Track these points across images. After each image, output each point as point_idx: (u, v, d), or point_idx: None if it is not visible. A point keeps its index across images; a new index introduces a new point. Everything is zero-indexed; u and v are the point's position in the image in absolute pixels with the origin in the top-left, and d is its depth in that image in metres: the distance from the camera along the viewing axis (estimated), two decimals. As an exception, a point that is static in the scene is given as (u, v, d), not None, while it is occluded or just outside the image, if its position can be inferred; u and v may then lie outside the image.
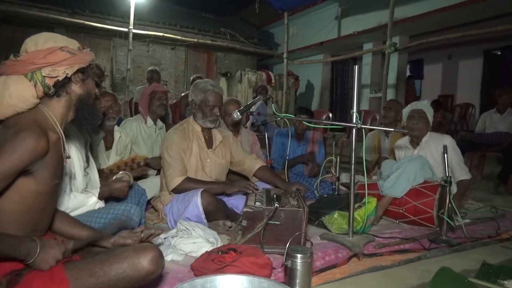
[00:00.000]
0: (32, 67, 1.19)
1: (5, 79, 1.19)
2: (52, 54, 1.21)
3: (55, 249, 1.17)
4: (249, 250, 1.70)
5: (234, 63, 11.67)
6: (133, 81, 9.30)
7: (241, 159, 2.70)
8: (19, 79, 1.18)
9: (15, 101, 1.17)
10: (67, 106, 1.30)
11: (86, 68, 1.31)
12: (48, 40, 1.23)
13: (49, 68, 1.20)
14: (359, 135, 2.29)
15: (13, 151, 1.09)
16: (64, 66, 1.23)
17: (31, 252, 1.12)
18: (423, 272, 1.90)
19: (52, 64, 1.20)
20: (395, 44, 6.09)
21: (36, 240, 1.14)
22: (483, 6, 6.53)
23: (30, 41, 1.24)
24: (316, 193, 3.31)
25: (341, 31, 9.76)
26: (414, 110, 3.02)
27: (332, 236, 2.26)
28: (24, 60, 1.19)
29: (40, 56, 1.19)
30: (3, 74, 1.20)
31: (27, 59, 1.19)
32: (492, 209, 3.16)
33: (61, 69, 1.22)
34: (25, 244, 1.11)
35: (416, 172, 2.65)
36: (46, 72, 1.20)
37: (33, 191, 1.19)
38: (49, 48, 1.21)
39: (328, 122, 3.65)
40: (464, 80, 9.52)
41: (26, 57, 1.20)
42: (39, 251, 1.12)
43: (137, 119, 3.18)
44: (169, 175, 2.40)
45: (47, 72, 1.20)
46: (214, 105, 2.49)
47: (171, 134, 2.52)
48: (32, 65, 1.19)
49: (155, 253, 1.23)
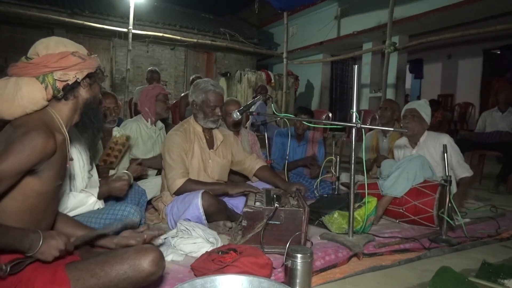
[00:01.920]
0: (44, 70, 1.21)
1: (17, 80, 1.21)
2: (64, 58, 1.23)
3: (57, 240, 1.17)
4: (249, 250, 1.70)
5: (233, 63, 11.68)
6: (133, 82, 9.30)
7: (242, 159, 2.70)
8: (31, 81, 1.20)
9: (25, 102, 1.19)
10: (74, 109, 1.33)
11: (93, 73, 1.34)
12: (58, 44, 1.26)
13: (61, 72, 1.23)
14: (359, 135, 2.29)
15: (23, 150, 1.11)
16: (75, 70, 1.25)
17: (34, 244, 1.12)
18: (423, 271, 1.90)
19: (64, 68, 1.23)
20: (394, 44, 6.09)
21: (39, 231, 1.15)
22: (483, 6, 6.53)
23: (41, 44, 1.26)
24: (316, 193, 3.31)
25: (341, 31, 9.76)
26: (407, 110, 3.05)
27: (332, 235, 2.26)
28: (37, 63, 1.21)
29: (53, 60, 1.22)
30: (13, 75, 1.22)
31: (40, 62, 1.21)
32: (492, 208, 3.17)
33: (72, 73, 1.25)
34: (28, 236, 1.12)
35: (416, 172, 2.65)
36: (58, 76, 1.23)
37: (36, 190, 1.20)
38: (62, 53, 1.24)
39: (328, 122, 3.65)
40: (463, 80, 9.53)
41: (39, 60, 1.22)
42: (41, 242, 1.13)
43: (137, 120, 3.16)
44: (170, 177, 2.39)
45: (59, 76, 1.23)
46: (215, 105, 2.48)
47: (172, 136, 2.50)
48: (45, 68, 1.21)
49: (155, 255, 1.23)
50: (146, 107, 3.12)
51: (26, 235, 1.12)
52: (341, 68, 11.50)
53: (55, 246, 1.16)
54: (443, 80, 10.08)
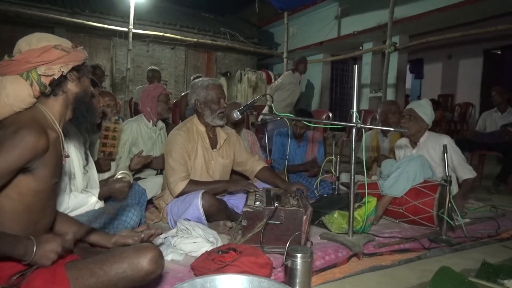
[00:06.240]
0: (27, 66, 1.19)
1: (1, 80, 1.19)
2: (46, 52, 1.21)
3: (52, 243, 1.16)
4: (249, 249, 1.70)
5: (234, 63, 11.67)
6: (133, 81, 9.30)
7: (244, 160, 2.70)
8: (15, 79, 1.19)
9: (12, 100, 1.18)
10: (65, 105, 1.30)
11: (80, 66, 1.31)
12: (41, 40, 1.24)
13: (45, 67, 1.20)
14: (359, 135, 2.28)
15: (14, 148, 1.10)
16: (59, 64, 1.23)
17: (28, 251, 1.12)
18: (423, 271, 1.90)
19: (47, 63, 1.21)
20: (395, 44, 6.10)
21: (32, 238, 1.14)
22: (483, 6, 6.52)
23: (23, 41, 1.24)
24: (316, 193, 3.31)
25: (341, 31, 9.75)
26: (405, 110, 3.08)
27: (332, 235, 2.26)
28: (19, 60, 1.19)
29: (35, 55, 1.19)
30: None
31: (22, 58, 1.19)
32: (492, 208, 3.17)
33: (56, 67, 1.22)
34: (22, 243, 1.11)
35: (416, 172, 2.65)
36: (42, 71, 1.20)
37: (32, 189, 1.19)
38: (43, 47, 1.21)
39: (328, 122, 3.65)
40: (464, 80, 9.52)
41: (20, 57, 1.20)
42: (36, 249, 1.12)
43: (137, 120, 3.15)
44: (172, 181, 2.38)
45: (43, 71, 1.20)
46: (219, 97, 2.49)
47: (175, 136, 2.49)
48: (27, 64, 1.19)
49: (155, 253, 1.23)
50: (147, 107, 3.11)
51: (20, 242, 1.11)
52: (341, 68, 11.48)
53: (51, 250, 1.15)
54: (444, 80, 10.07)
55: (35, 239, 1.14)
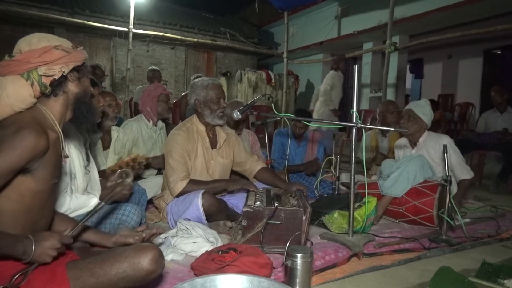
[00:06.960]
0: (28, 66, 1.19)
1: (2, 80, 1.19)
2: (47, 52, 1.21)
3: (51, 240, 1.16)
4: (249, 249, 1.70)
5: (234, 63, 11.67)
6: (133, 81, 9.29)
7: (243, 160, 2.70)
8: (15, 79, 1.18)
9: (12, 100, 1.17)
10: (65, 105, 1.30)
11: (81, 67, 1.31)
12: (41, 40, 1.24)
13: (45, 67, 1.20)
14: (359, 135, 2.28)
15: (13, 148, 1.09)
16: (60, 64, 1.23)
17: (27, 250, 1.12)
18: (423, 271, 1.90)
19: (48, 63, 1.21)
20: (395, 44, 6.09)
21: (30, 237, 1.14)
22: (483, 6, 6.52)
23: (23, 42, 1.24)
24: (316, 193, 3.31)
25: (341, 31, 9.75)
26: (404, 110, 3.08)
27: (332, 235, 2.26)
28: (20, 60, 1.19)
29: (36, 55, 1.19)
30: None
31: (22, 58, 1.19)
32: (492, 208, 3.17)
33: (57, 67, 1.22)
34: (21, 242, 1.11)
35: (416, 172, 2.65)
36: (43, 71, 1.20)
37: (31, 190, 1.19)
38: (44, 47, 1.21)
39: (328, 122, 3.65)
40: (464, 80, 9.52)
41: (21, 57, 1.20)
42: (34, 247, 1.13)
43: (137, 120, 3.15)
44: (172, 181, 2.38)
45: (44, 71, 1.20)
46: (219, 97, 2.50)
47: (175, 135, 2.49)
48: (28, 64, 1.19)
49: (155, 253, 1.23)
50: (148, 107, 3.11)
51: (19, 241, 1.11)
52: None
53: (49, 246, 1.15)
54: (444, 80, 10.06)
55: (33, 238, 1.14)
